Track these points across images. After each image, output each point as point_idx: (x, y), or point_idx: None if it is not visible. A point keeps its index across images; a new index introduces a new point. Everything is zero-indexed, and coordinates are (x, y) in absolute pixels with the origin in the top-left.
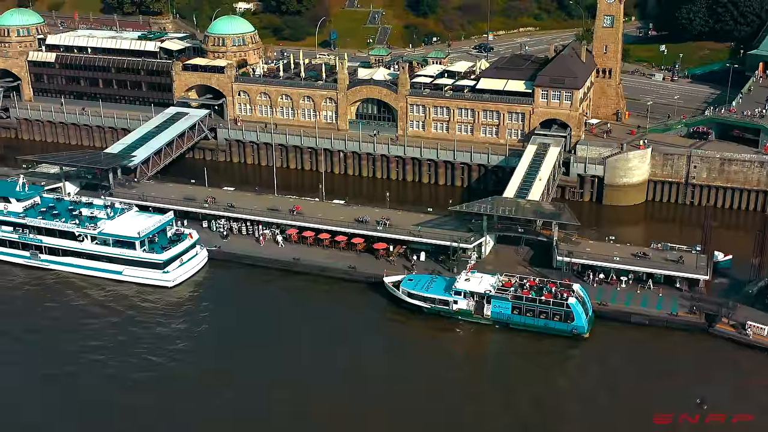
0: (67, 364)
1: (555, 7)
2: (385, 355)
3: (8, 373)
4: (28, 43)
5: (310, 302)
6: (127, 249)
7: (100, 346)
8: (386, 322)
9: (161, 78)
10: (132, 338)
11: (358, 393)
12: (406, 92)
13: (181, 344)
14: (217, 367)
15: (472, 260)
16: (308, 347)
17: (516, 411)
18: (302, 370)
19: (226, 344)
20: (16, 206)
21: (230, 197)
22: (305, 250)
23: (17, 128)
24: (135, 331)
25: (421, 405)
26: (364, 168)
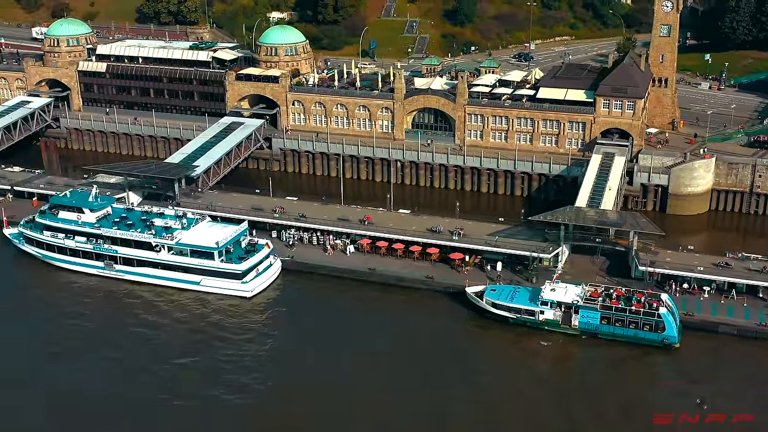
0: (148, 374)
1: (590, 16)
2: (472, 365)
3: (90, 383)
4: (78, 54)
5: (390, 312)
6: (205, 259)
7: (181, 357)
8: (470, 332)
9: (214, 87)
10: (213, 349)
11: (443, 403)
12: (465, 101)
13: (263, 354)
14: (299, 377)
15: (559, 270)
16: (392, 358)
17: (607, 422)
18: (387, 380)
19: (309, 355)
20: (89, 216)
21: (297, 207)
22: (378, 260)
23: (67, 138)
24: (216, 341)
25: (510, 415)
26: (421, 177)
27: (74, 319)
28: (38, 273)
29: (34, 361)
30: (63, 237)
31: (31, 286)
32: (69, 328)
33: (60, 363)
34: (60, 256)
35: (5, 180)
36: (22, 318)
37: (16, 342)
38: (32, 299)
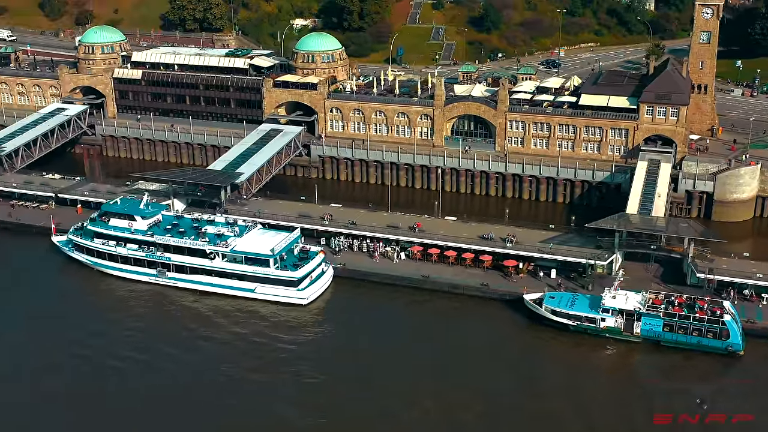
0: (204, 383)
1: (614, 23)
2: (532, 373)
3: (148, 389)
4: (112, 61)
5: (446, 320)
6: (260, 266)
7: (238, 364)
8: (531, 339)
9: (251, 94)
10: (270, 356)
11: (502, 410)
12: (506, 108)
13: (322, 361)
14: (358, 385)
15: (620, 278)
16: (450, 365)
17: None
18: (447, 388)
19: (367, 363)
20: (141, 224)
21: (344, 214)
22: (430, 267)
23: (102, 145)
24: (272, 348)
25: (578, 423)
26: (462, 184)
27: (128, 328)
28: (89, 280)
29: (97, 368)
30: (114, 244)
31: (83, 294)
32: (125, 336)
33: (119, 370)
34: (111, 263)
35: (48, 187)
36: (76, 325)
37: (73, 349)
38: (86, 307)
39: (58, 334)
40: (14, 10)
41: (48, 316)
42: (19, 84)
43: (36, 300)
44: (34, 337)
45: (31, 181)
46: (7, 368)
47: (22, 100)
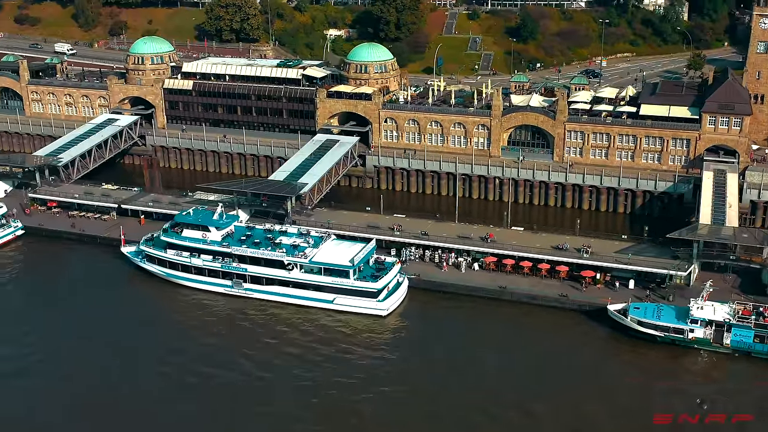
0: (285, 393)
1: (650, 33)
2: (620, 384)
3: (227, 401)
4: (162, 71)
5: (527, 331)
6: (339, 277)
7: (322, 375)
8: (617, 351)
9: (304, 105)
10: (353, 367)
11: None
12: (565, 118)
13: (405, 372)
14: (442, 398)
15: (708, 289)
16: (533, 377)
17: None
18: (531, 400)
19: (449, 374)
20: (215, 235)
21: (412, 225)
22: (504, 277)
23: (152, 155)
24: (355, 359)
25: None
26: (520, 195)
27: (205, 343)
28: (163, 291)
29: (181, 376)
30: (188, 255)
31: (157, 305)
32: (203, 348)
33: (195, 387)
34: (184, 274)
35: (110, 198)
36: (154, 339)
37: (155, 363)
38: (161, 318)
39: (136, 348)
40: (47, 20)
41: (123, 328)
42: (67, 95)
43: (110, 311)
44: (111, 350)
45: (91, 191)
46: (88, 381)
47: (69, 110)
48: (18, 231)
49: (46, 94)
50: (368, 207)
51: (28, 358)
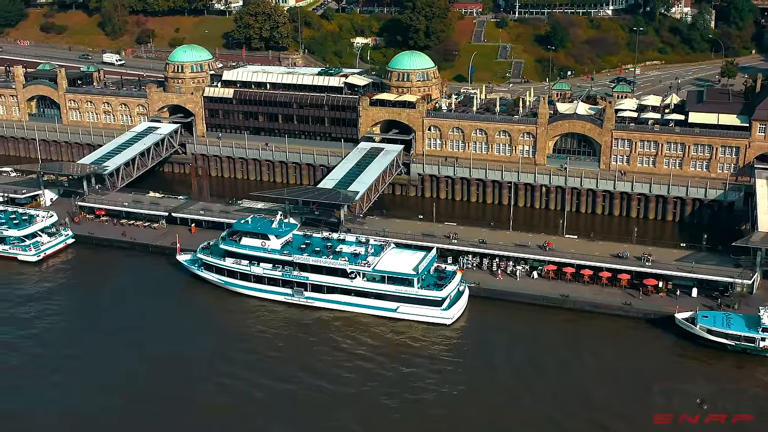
0: (349, 403)
1: (678, 41)
2: (692, 391)
3: (282, 411)
4: (201, 80)
5: (592, 339)
6: (403, 286)
7: (390, 385)
8: (683, 359)
9: (346, 113)
10: (421, 377)
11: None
12: (612, 126)
13: (473, 381)
14: (513, 408)
15: None
16: (601, 386)
17: None
18: (601, 411)
19: (521, 383)
20: (275, 243)
21: (467, 233)
22: (564, 286)
23: (192, 163)
24: (423, 369)
25: None
26: (567, 202)
27: (267, 346)
28: (220, 299)
29: (241, 386)
30: (247, 263)
31: (215, 313)
32: (263, 356)
33: (262, 391)
34: (243, 282)
35: (159, 206)
36: (211, 346)
37: (217, 373)
38: (218, 326)
39: (193, 357)
40: (73, 29)
41: (180, 336)
42: (106, 103)
43: (166, 319)
44: (168, 358)
45: (139, 200)
46: (144, 389)
47: (107, 118)
48: (69, 239)
49: (84, 102)
50: (420, 215)
51: (84, 366)
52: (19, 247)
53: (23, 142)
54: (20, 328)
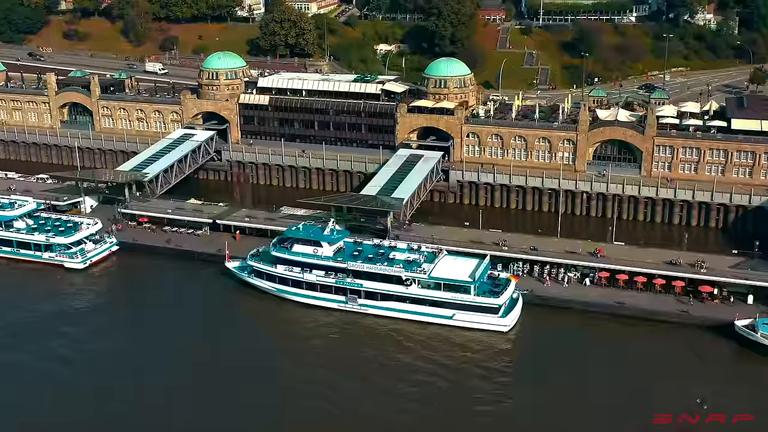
0: (409, 412)
1: (702, 47)
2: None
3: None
4: (236, 86)
5: (655, 347)
6: (460, 293)
7: (449, 395)
8: (744, 366)
9: (384, 120)
10: (480, 387)
11: None
12: (654, 133)
13: (537, 392)
14: (578, 418)
15: None
16: (664, 395)
17: None
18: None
19: (580, 393)
20: (327, 250)
21: (516, 240)
22: (617, 293)
23: (227, 171)
24: (479, 379)
25: None
26: (608, 209)
27: (320, 353)
28: (272, 306)
29: (294, 395)
30: (299, 270)
31: (266, 320)
32: (317, 363)
33: (315, 401)
34: (295, 289)
35: (203, 214)
36: (263, 353)
37: (266, 380)
38: (271, 333)
39: (245, 365)
40: (96, 36)
41: (232, 344)
42: (139, 110)
43: (218, 326)
44: (222, 366)
45: (182, 207)
46: (196, 397)
47: (140, 125)
48: (113, 246)
49: (117, 109)
50: (466, 222)
51: (137, 372)
52: (66, 255)
53: (56, 149)
54: (76, 339)
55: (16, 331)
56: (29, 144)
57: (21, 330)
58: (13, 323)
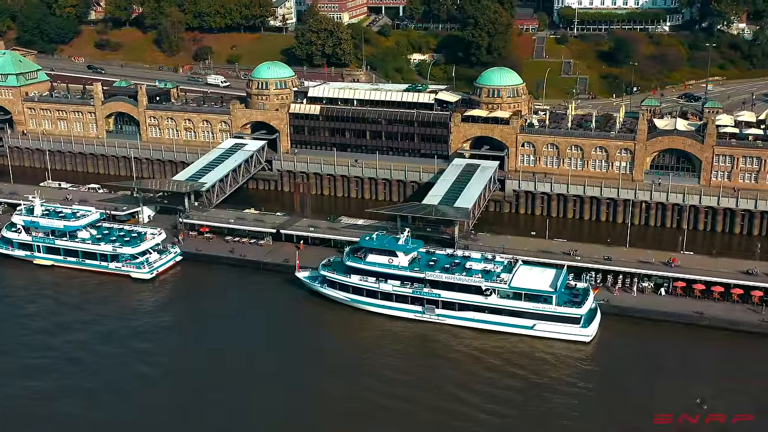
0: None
1: (738, 56)
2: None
3: None
4: (285, 96)
5: (742, 359)
6: (541, 303)
7: (536, 405)
8: None
9: (437, 129)
10: (565, 401)
11: None
12: (714, 142)
13: (628, 406)
14: None
15: None
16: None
17: None
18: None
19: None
20: (403, 260)
21: (586, 250)
22: (693, 302)
23: (277, 180)
24: (564, 392)
25: None
26: (667, 219)
27: (401, 363)
28: (346, 316)
29: (370, 408)
30: (374, 280)
31: (342, 330)
32: (397, 372)
33: (395, 414)
34: (369, 299)
35: (266, 224)
36: (341, 363)
37: (341, 392)
38: (348, 343)
39: (321, 377)
40: (129, 46)
41: (307, 353)
42: (187, 119)
43: (291, 336)
44: (299, 377)
45: (242, 217)
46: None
47: (188, 135)
48: (177, 257)
49: (165, 119)
50: (533, 232)
51: (211, 382)
52: (133, 265)
53: (102, 159)
54: (153, 353)
55: (93, 340)
56: (75, 154)
57: (97, 339)
58: (90, 335)
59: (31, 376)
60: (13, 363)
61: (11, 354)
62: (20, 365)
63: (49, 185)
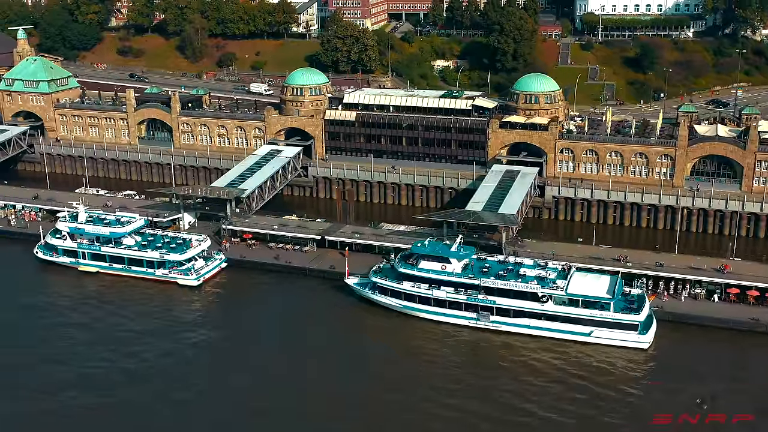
0: None
1: (763, 62)
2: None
3: None
4: (320, 102)
5: None
6: (598, 310)
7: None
8: None
9: (474, 135)
10: (625, 410)
11: None
12: (756, 148)
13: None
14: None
15: None
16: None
17: None
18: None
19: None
20: (456, 266)
21: (635, 256)
22: (747, 309)
23: (313, 186)
24: (625, 400)
25: None
26: (709, 225)
27: (459, 372)
28: (399, 323)
29: (426, 419)
30: (427, 287)
31: (397, 337)
32: (458, 388)
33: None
34: (423, 306)
35: (309, 230)
36: (401, 371)
37: (401, 401)
38: (405, 351)
39: (394, 391)
40: (151, 53)
41: (365, 361)
42: (221, 126)
43: (345, 343)
44: (357, 385)
45: (285, 223)
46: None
47: (221, 142)
48: (222, 263)
49: (198, 125)
50: (580, 238)
51: (269, 389)
52: (180, 272)
53: (135, 165)
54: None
55: (148, 349)
56: (108, 160)
57: (150, 348)
58: (145, 347)
59: (85, 386)
60: (68, 372)
61: (66, 363)
62: (76, 374)
63: (86, 192)
